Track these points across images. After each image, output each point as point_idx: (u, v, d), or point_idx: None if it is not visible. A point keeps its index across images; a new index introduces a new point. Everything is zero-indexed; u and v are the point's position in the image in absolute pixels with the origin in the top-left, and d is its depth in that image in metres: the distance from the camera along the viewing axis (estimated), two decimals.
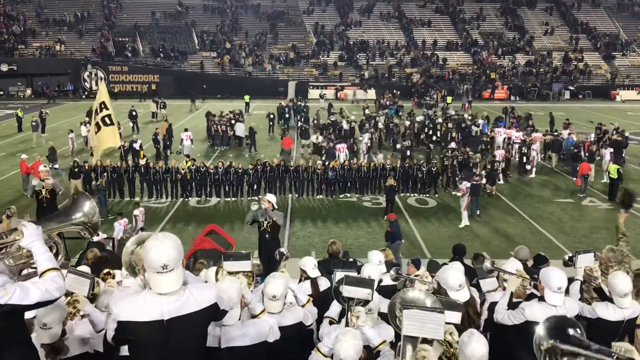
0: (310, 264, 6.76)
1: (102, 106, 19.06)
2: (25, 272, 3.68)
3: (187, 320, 3.49)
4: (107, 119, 18.90)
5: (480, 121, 31.52)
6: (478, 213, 19.41)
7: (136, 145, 24.93)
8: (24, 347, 3.61)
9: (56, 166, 23.61)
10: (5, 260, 3.58)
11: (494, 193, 21.50)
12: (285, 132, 30.17)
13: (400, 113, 37.10)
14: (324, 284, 6.56)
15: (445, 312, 4.24)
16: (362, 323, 4.41)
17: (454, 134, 28.71)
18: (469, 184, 18.66)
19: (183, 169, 20.73)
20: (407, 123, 31.03)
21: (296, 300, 5.43)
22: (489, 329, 5.70)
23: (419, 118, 32.69)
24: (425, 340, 3.69)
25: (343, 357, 3.82)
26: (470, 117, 32.46)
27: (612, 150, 24.31)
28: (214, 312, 3.68)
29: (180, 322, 3.46)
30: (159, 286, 3.44)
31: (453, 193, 21.68)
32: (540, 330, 3.18)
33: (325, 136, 27.38)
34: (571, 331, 3.12)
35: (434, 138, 29.34)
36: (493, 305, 5.85)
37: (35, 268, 3.63)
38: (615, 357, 2.85)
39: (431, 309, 3.60)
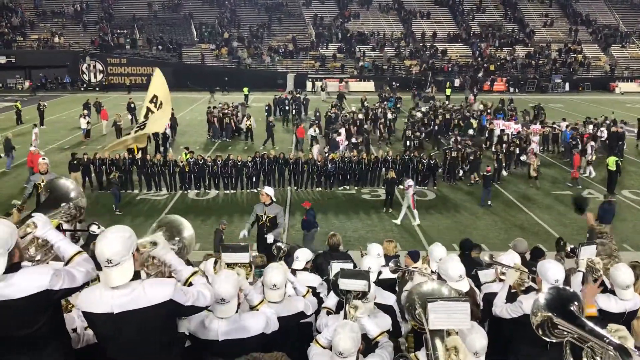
0: (294, 254, 6.75)
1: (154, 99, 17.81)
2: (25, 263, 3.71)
3: (138, 315, 3.46)
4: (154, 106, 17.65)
5: (481, 107, 31.67)
6: (490, 203, 19.54)
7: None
8: (63, 335, 3.71)
9: (1, 155, 23.98)
10: (28, 251, 3.64)
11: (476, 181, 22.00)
12: (298, 122, 30.12)
13: (399, 105, 37.06)
14: (311, 279, 6.50)
15: None
16: (360, 315, 4.44)
17: (456, 122, 28.89)
18: (412, 182, 18.29)
19: (182, 162, 20.74)
20: (420, 115, 31.12)
21: (295, 292, 5.45)
22: (485, 320, 5.73)
23: (424, 109, 32.87)
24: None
25: (342, 349, 3.84)
26: (483, 108, 32.54)
27: (593, 143, 24.25)
28: (173, 309, 3.59)
29: (130, 317, 3.45)
30: (106, 279, 3.45)
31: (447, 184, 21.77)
32: (540, 299, 3.18)
33: (331, 129, 27.41)
34: (572, 307, 3.12)
35: (434, 130, 29.39)
36: (488, 295, 5.88)
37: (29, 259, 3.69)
38: (607, 342, 2.85)
39: (455, 299, 3.59)
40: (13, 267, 3.35)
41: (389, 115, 30.87)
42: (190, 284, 3.78)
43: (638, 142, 28.92)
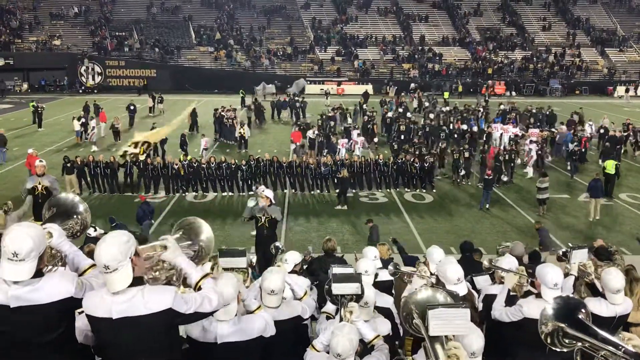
0: (283, 257, 6.79)
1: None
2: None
3: (137, 322, 3.43)
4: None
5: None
6: (487, 207, 19.55)
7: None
8: (75, 342, 3.77)
9: None
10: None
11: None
12: (295, 126, 30.24)
13: (400, 110, 37.04)
14: (300, 282, 6.49)
15: None
16: (355, 318, 4.44)
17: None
18: (264, 188, 17.90)
19: (177, 164, 20.72)
20: (432, 116, 31.29)
21: (293, 294, 5.45)
22: (484, 321, 5.74)
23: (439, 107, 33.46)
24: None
25: (340, 351, 3.85)
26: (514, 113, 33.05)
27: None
28: (172, 317, 3.54)
29: (129, 323, 3.43)
30: (106, 285, 3.45)
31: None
32: (548, 310, 3.17)
33: (324, 132, 27.43)
34: (580, 315, 3.11)
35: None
36: (488, 297, 5.89)
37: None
38: (622, 350, 2.81)
39: (456, 305, 3.61)
40: (38, 272, 3.39)
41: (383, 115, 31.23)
42: (200, 288, 3.72)
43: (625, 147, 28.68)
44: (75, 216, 4.06)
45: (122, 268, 3.40)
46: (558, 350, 3.14)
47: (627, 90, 50.39)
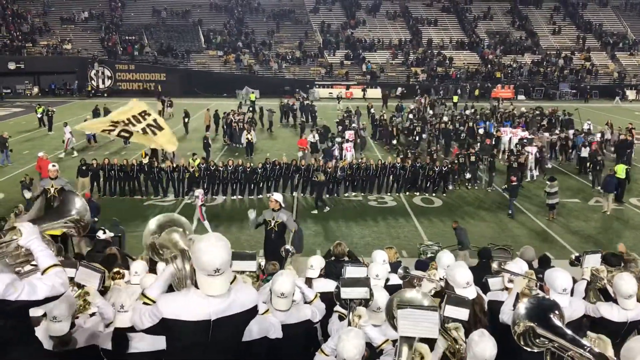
0: (308, 263, 6.75)
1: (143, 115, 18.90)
2: (24, 269, 3.70)
3: (232, 321, 3.60)
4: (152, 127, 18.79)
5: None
6: (510, 212, 19.31)
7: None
8: (28, 342, 3.66)
9: None
10: (5, 259, 3.56)
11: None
12: (302, 133, 30.36)
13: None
14: (329, 285, 6.51)
15: (453, 308, 4.25)
16: (364, 323, 4.43)
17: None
18: (200, 192, 17.57)
19: (192, 168, 20.75)
20: (446, 119, 31.26)
21: (303, 297, 5.44)
22: (490, 326, 5.71)
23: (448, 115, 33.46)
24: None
25: (346, 356, 3.84)
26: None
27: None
28: (254, 313, 3.83)
29: (225, 323, 3.57)
30: (208, 289, 3.52)
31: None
32: (520, 309, 3.18)
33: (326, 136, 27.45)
34: (551, 315, 3.12)
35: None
36: (492, 303, 5.87)
37: (33, 266, 3.66)
38: (587, 350, 2.86)
39: (425, 307, 3.59)
40: None
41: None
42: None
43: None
44: (62, 219, 3.99)
45: (227, 271, 3.56)
46: (528, 350, 3.15)
47: (617, 94, 50.22)
